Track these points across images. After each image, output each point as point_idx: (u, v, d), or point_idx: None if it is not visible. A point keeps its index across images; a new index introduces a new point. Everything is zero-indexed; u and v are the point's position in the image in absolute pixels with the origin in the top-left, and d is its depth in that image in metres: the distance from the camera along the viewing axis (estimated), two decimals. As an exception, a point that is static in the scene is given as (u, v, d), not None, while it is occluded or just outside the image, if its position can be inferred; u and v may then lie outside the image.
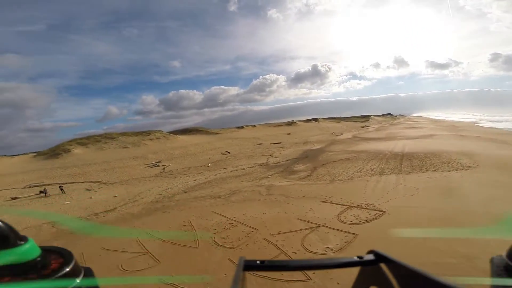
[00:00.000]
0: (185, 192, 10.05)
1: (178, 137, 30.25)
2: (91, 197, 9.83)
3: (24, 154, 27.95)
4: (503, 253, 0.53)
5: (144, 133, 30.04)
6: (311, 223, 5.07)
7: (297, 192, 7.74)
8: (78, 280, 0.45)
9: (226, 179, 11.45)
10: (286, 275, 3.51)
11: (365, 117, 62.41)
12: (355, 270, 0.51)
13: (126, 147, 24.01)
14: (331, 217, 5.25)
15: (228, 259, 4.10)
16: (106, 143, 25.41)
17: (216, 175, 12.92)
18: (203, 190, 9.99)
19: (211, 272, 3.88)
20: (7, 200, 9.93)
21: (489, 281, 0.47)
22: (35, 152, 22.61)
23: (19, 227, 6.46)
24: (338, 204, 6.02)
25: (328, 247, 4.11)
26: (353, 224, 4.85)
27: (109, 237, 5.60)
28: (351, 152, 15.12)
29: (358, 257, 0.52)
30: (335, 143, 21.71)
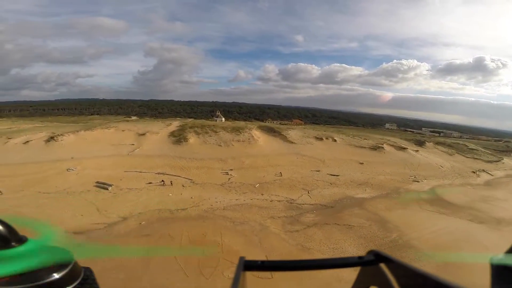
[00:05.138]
0: (223, 209, 17.37)
1: (258, 141, 38.17)
2: (181, 194, 19.05)
3: (167, 125, 45.09)
4: (503, 253, 0.61)
5: (237, 131, 40.18)
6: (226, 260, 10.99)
7: (269, 243, 12.81)
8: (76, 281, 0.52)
9: (251, 208, 17.58)
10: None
11: (503, 152, 46.49)
12: (355, 270, 0.59)
13: (220, 146, 34.40)
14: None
15: (199, 260, 10.95)
16: (210, 136, 37.00)
17: (251, 199, 19.14)
18: (232, 212, 16.81)
19: (188, 270, 10.87)
20: (147, 183, 20.50)
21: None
22: (170, 134, 36.94)
23: (149, 208, 15.96)
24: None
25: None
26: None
27: (174, 226, 13.72)
28: (376, 218, 16.39)
29: (358, 257, 0.59)
30: (390, 196, 22.12)
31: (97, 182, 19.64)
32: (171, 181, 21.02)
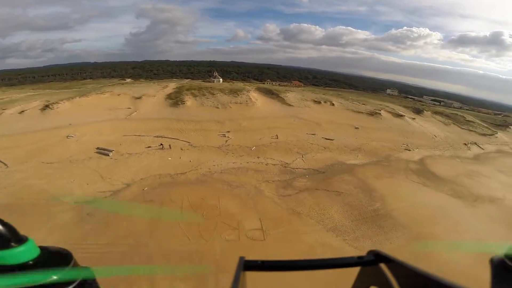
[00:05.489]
0: (221, 172, 18.07)
1: (256, 103, 37.64)
2: (180, 157, 19.58)
3: (163, 87, 43.91)
4: (502, 254, 0.58)
5: (235, 93, 39.43)
6: (224, 223, 12.02)
7: (263, 206, 13.69)
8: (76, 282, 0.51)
9: (247, 171, 18.11)
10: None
11: (499, 126, 46.63)
12: (355, 270, 0.59)
13: (217, 108, 34.03)
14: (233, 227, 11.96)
15: (199, 224, 11.93)
16: (208, 98, 36.40)
17: (247, 163, 19.59)
18: (229, 175, 17.39)
19: (190, 234, 11.88)
20: (146, 147, 20.73)
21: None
22: (166, 96, 36.16)
23: (150, 173, 16.56)
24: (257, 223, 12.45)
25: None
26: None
27: (175, 191, 14.53)
28: (363, 186, 16.95)
29: (358, 257, 0.59)
30: (380, 163, 22.39)
31: (98, 148, 19.89)
32: (169, 145, 21.42)
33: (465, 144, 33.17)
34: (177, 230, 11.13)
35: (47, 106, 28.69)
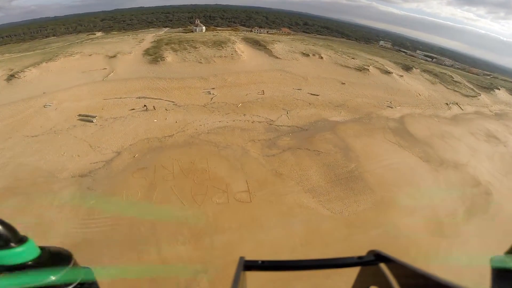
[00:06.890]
0: (207, 132, 17.89)
1: (242, 56, 35.42)
2: (166, 118, 19.19)
3: (139, 42, 39.91)
4: (503, 253, 0.59)
5: (219, 45, 36.77)
6: (214, 186, 12.89)
7: (250, 168, 14.17)
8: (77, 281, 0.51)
9: (234, 130, 18.00)
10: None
11: (484, 88, 46.18)
12: (355, 270, 0.59)
13: (200, 62, 31.96)
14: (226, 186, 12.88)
15: (191, 189, 12.68)
16: (189, 52, 33.78)
17: (233, 121, 19.30)
18: (216, 135, 17.22)
19: (184, 199, 12.62)
20: (129, 110, 19.76)
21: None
22: (144, 52, 33.22)
23: (138, 138, 16.43)
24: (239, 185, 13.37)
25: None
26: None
27: (165, 156, 14.81)
28: (342, 145, 17.55)
29: (358, 257, 0.58)
30: (361, 120, 22.50)
31: (80, 115, 18.80)
32: (153, 106, 20.75)
33: (447, 104, 33.17)
34: (172, 196, 11.77)
35: (12, 76, 25.65)
